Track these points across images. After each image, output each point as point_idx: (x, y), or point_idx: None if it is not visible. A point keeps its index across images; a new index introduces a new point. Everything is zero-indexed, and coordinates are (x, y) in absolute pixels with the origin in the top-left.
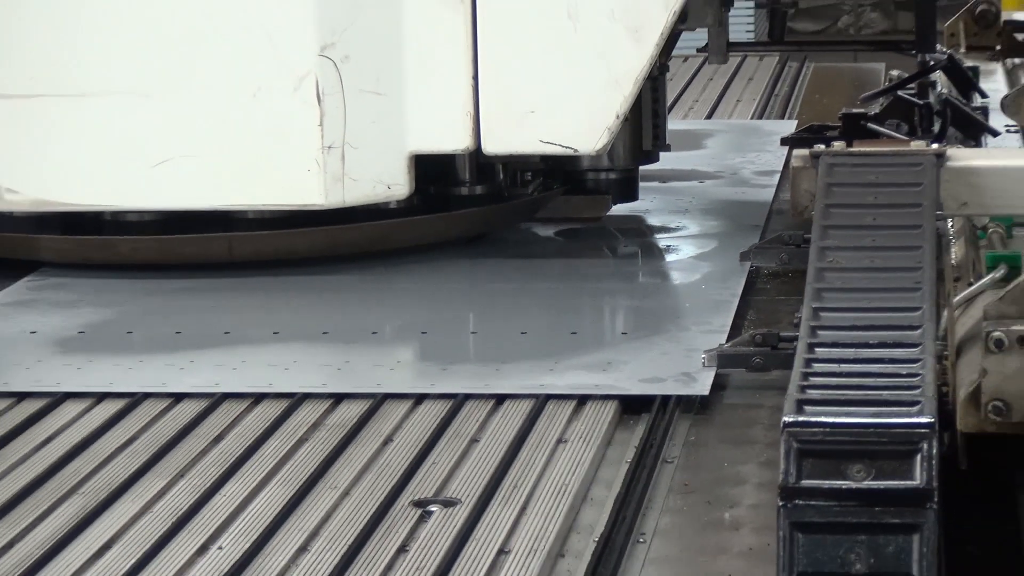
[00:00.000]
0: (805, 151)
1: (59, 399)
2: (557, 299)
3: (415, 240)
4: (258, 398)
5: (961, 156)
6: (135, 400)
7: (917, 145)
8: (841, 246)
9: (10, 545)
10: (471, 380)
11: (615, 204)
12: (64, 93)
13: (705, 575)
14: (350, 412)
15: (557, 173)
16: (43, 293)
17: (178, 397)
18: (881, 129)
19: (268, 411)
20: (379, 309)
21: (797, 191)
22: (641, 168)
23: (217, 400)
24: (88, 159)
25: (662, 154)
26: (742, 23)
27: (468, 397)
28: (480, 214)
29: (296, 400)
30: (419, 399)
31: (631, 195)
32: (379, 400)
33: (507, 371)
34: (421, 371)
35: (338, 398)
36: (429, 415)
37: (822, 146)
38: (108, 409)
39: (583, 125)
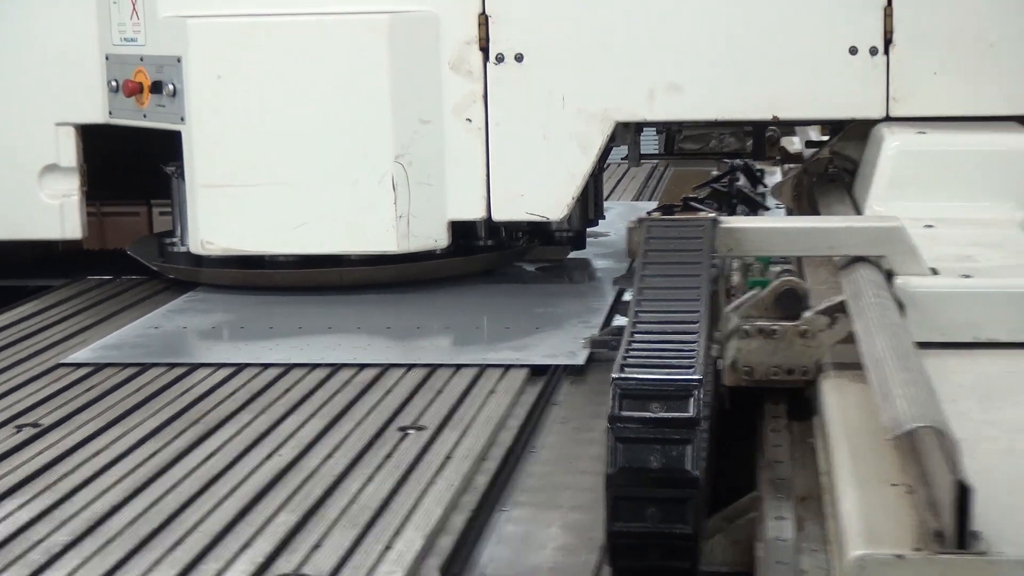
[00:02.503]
0: (636, 218)
1: (194, 367)
2: (508, 307)
3: (450, 273)
4: (313, 367)
5: (729, 221)
6: (239, 368)
7: (703, 215)
8: (654, 275)
9: (154, 454)
10: (442, 355)
11: (571, 251)
12: (244, 184)
13: (569, 471)
14: (367, 375)
15: (536, 231)
16: (194, 304)
17: (265, 366)
18: (699, 206)
19: (318, 375)
20: (419, 313)
21: (631, 242)
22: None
23: (288, 368)
24: (257, 222)
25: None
26: (651, 141)
27: (439, 366)
28: (490, 257)
29: (335, 368)
30: (409, 367)
31: (581, 246)
32: (385, 368)
33: (465, 349)
34: (413, 349)
35: (361, 367)
36: (414, 376)
37: (646, 214)
38: (222, 373)
39: (552, 202)
